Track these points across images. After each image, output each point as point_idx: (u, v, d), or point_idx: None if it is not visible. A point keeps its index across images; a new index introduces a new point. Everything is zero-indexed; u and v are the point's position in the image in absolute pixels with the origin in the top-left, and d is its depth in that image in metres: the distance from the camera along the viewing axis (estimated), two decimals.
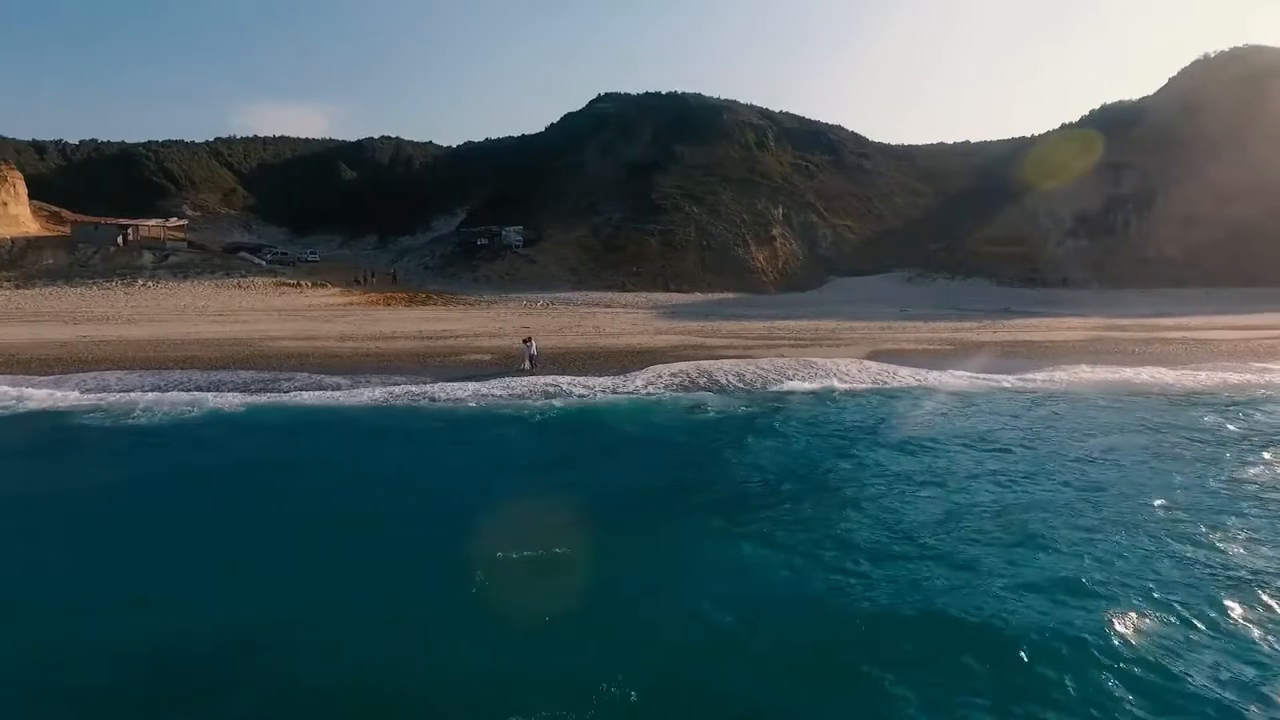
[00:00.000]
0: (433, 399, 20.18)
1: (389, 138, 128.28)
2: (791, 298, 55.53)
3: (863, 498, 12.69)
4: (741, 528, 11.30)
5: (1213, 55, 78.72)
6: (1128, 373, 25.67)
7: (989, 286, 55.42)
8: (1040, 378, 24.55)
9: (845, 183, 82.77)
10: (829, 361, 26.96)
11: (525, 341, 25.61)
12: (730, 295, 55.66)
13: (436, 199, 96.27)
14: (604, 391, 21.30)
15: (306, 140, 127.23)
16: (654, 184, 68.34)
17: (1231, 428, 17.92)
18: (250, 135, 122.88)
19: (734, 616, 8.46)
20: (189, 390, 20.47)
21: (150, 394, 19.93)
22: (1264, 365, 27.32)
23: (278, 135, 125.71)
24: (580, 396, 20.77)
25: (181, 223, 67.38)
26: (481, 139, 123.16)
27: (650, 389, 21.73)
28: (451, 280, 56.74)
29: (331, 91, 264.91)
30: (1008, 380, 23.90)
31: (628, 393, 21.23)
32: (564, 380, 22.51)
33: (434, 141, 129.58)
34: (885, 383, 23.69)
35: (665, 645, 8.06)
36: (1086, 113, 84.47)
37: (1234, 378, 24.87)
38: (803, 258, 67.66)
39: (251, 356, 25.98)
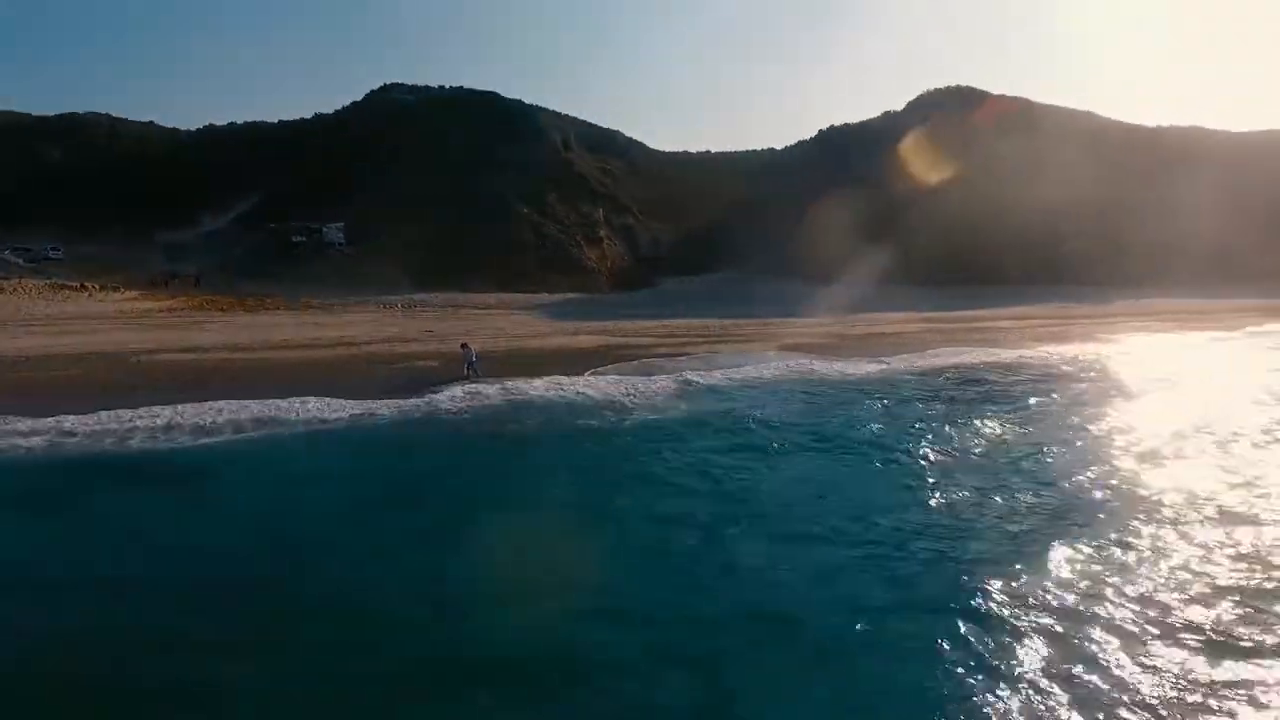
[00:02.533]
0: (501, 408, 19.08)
1: (101, 114, 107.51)
2: (641, 297, 57.50)
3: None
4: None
5: (942, 88, 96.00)
6: (993, 352, 31.53)
7: (806, 287, 61.56)
8: (934, 362, 29.18)
9: (645, 187, 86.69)
10: (771, 353, 29.60)
11: (463, 347, 24.35)
12: (576, 296, 56.18)
13: (198, 189, 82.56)
14: (633, 395, 21.08)
15: None
16: (481, 183, 66.17)
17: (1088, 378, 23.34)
18: None
19: None
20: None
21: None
22: (1057, 345, 34.71)
23: None
24: (622, 401, 20.44)
25: None
26: (224, 123, 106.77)
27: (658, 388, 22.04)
28: (273, 281, 49.99)
29: None
30: (913, 364, 28.24)
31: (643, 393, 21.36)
32: (566, 380, 22.08)
33: (155, 122, 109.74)
34: (829, 373, 26.30)
35: None
36: (815, 132, 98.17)
37: (1049, 352, 31.75)
38: (628, 259, 70.23)
39: (147, 372, 21.55)
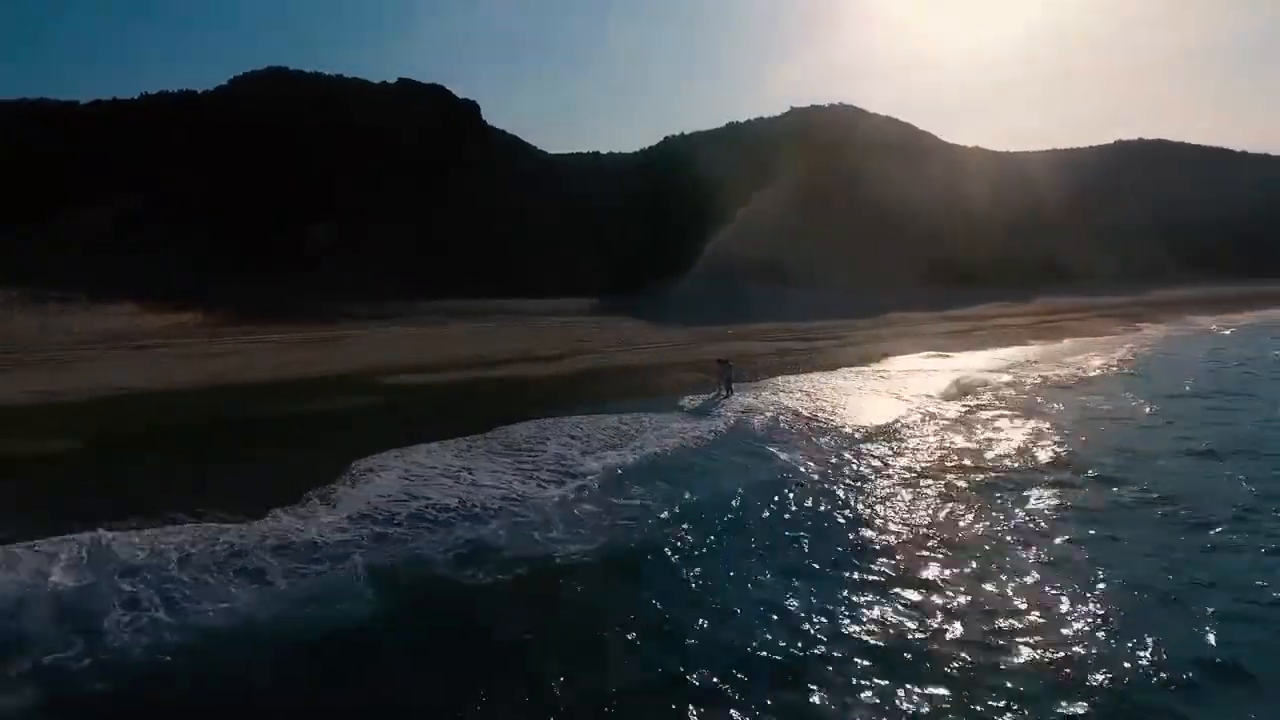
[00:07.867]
0: None
1: None
2: (654, 301, 55.77)
3: None
4: None
5: (827, 106, 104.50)
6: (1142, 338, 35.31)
7: (774, 289, 63.42)
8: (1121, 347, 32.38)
9: (581, 187, 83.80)
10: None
11: (721, 363, 23.37)
12: (589, 300, 54.02)
13: (66, 176, 63.65)
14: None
15: None
16: (460, 184, 60.48)
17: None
18: None
19: None
20: None
21: None
22: (1110, 335, 39.82)
23: None
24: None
25: None
26: (41, 96, 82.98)
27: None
28: (286, 289, 42.21)
29: None
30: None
31: None
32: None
33: None
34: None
35: None
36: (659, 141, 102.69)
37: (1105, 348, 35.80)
38: (602, 262, 68.02)
39: (478, 392, 18.13)
